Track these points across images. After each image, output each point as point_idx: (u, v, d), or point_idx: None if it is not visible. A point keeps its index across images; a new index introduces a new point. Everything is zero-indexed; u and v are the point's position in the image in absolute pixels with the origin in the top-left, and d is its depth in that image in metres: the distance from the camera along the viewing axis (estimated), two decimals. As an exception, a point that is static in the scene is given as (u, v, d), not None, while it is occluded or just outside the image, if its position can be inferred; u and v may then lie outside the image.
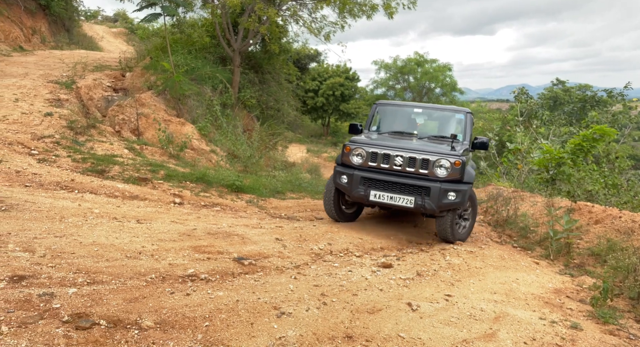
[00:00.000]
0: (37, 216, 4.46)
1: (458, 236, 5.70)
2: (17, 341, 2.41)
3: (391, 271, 4.32)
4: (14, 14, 15.31)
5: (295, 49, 15.61)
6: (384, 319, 3.20)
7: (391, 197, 5.33)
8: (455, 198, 5.23)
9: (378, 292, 3.72)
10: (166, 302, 3.12)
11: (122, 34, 27.14)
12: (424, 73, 33.99)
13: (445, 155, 5.28)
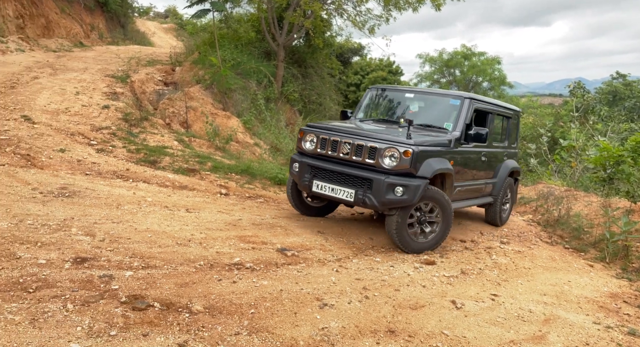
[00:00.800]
0: (96, 202, 4.76)
1: (415, 245, 4.65)
2: (81, 318, 2.60)
3: (434, 268, 4.27)
4: (75, 11, 16.26)
5: (339, 43, 15.56)
6: (427, 315, 3.17)
7: (332, 189, 4.70)
8: (402, 195, 4.36)
9: (421, 288, 3.69)
10: (214, 288, 3.25)
11: (172, 29, 28.16)
12: (471, 66, 32.88)
13: (395, 143, 4.45)
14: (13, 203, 4.19)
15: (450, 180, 4.97)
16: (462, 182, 5.38)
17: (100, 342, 2.41)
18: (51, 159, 6.02)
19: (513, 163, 6.56)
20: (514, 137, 6.78)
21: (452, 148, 5.01)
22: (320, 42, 12.13)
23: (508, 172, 6.35)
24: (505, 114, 6.42)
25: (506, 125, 6.54)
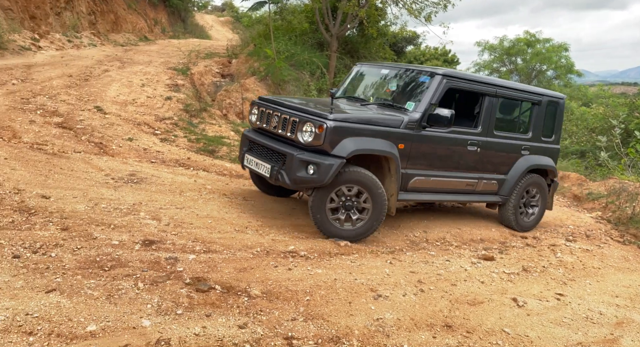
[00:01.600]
0: (161, 188, 5.04)
1: (336, 231, 4.24)
2: (151, 296, 2.78)
3: (493, 264, 4.13)
4: (140, 7, 17.13)
5: (393, 32, 15.23)
6: (486, 312, 3.08)
7: (257, 164, 4.51)
8: (313, 173, 3.99)
9: (479, 284, 3.59)
10: (271, 274, 3.35)
11: (228, 22, 28.94)
12: (534, 54, 30.96)
13: (312, 117, 4.13)
14: (89, 188, 4.54)
15: (394, 165, 4.39)
16: (428, 171, 4.74)
17: (168, 319, 2.57)
18: (121, 147, 6.43)
19: (538, 159, 5.47)
20: (546, 129, 5.60)
21: (403, 130, 4.41)
22: (373, 32, 11.96)
23: (525, 169, 5.33)
24: (528, 99, 5.39)
25: (531, 114, 5.51)
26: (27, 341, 2.16)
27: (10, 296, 2.48)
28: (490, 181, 5.23)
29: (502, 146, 5.22)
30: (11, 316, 2.31)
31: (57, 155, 5.37)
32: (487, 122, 5.04)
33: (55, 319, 2.36)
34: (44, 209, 3.80)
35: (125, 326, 2.42)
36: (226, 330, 2.55)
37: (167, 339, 2.37)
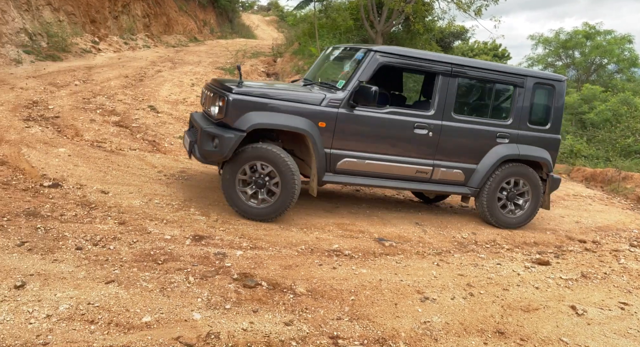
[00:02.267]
0: (209, 185, 5.19)
1: (245, 208, 4.17)
2: (201, 290, 2.87)
3: (548, 269, 3.92)
4: (191, 8, 17.75)
5: (440, 27, 14.83)
6: (542, 319, 2.93)
7: (185, 141, 4.57)
8: (216, 147, 3.94)
9: (533, 290, 3.42)
10: (315, 272, 3.36)
11: (273, 21, 29.36)
12: (594, 47, 29.04)
13: (221, 91, 4.11)
14: (143, 184, 4.75)
15: (311, 144, 4.20)
16: (361, 153, 4.44)
17: (217, 313, 2.64)
18: (172, 145, 6.69)
19: (519, 149, 4.84)
20: (537, 115, 4.98)
21: (323, 108, 4.23)
22: (420, 27, 11.70)
23: (499, 159, 4.76)
24: (502, 80, 4.80)
25: (512, 97, 4.91)
26: (89, 329, 2.29)
27: (73, 286, 2.65)
28: (453, 169, 4.75)
29: (465, 132, 4.70)
30: (75, 304, 2.46)
31: (114, 152, 5.67)
32: (443, 104, 4.61)
33: (114, 309, 2.49)
34: (103, 204, 4.02)
35: (177, 318, 2.51)
36: (273, 326, 2.59)
37: (217, 333, 2.43)
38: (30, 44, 10.11)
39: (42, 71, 9.11)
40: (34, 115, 6.41)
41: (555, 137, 5.06)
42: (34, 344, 2.10)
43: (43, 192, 4.07)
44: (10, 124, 5.83)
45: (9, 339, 2.11)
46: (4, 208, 3.59)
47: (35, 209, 3.67)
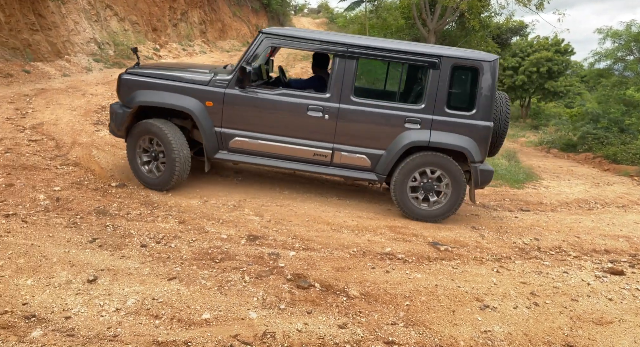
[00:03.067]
0: (261, 187, 5.29)
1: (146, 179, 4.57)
2: (256, 289, 2.93)
3: (623, 279, 3.62)
4: (244, 13, 18.27)
5: (497, 23, 14.22)
6: (617, 334, 2.71)
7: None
8: (113, 121, 4.61)
9: (606, 301, 3.17)
10: (368, 275, 3.32)
11: (323, 24, 29.56)
12: (669, 39, 26.57)
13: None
14: (201, 185, 4.93)
15: (197, 122, 4.44)
16: (252, 133, 4.55)
17: (272, 313, 2.67)
18: (226, 146, 6.91)
19: (430, 136, 4.43)
20: (458, 100, 4.52)
21: (210, 88, 4.47)
22: (476, 24, 11.29)
23: (404, 145, 4.45)
24: (411, 61, 4.44)
25: (425, 80, 4.52)
26: (154, 324, 2.40)
27: (139, 281, 2.79)
28: (356, 154, 4.56)
29: (367, 116, 4.48)
30: (141, 299, 2.60)
31: (173, 154, 5.94)
32: (340, 86, 4.45)
33: (176, 305, 2.60)
34: (165, 203, 4.22)
35: (234, 317, 2.58)
36: (327, 329, 2.58)
37: (273, 333, 2.46)
38: (99, 52, 10.86)
39: (110, 78, 9.74)
40: (103, 119, 6.86)
41: (483, 124, 4.43)
42: (105, 335, 2.24)
43: (111, 192, 4.34)
44: (83, 128, 6.28)
45: (83, 330, 2.25)
46: (78, 206, 3.86)
47: (105, 207, 3.92)
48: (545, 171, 10.01)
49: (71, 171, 4.74)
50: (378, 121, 4.51)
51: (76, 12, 10.63)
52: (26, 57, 9.29)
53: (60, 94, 7.79)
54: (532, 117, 31.68)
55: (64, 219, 3.58)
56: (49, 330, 2.23)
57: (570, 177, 9.28)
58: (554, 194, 7.16)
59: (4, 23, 9.19)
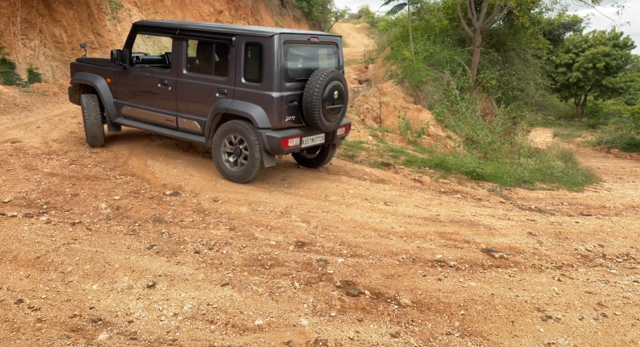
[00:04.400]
0: (308, 193, 5.33)
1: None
2: (306, 296, 2.93)
3: (702, 291, 3.30)
4: (286, 22, 18.63)
5: (548, 19, 13.59)
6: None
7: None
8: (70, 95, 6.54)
9: (684, 316, 2.90)
10: (419, 283, 3.24)
11: (364, 28, 29.55)
12: None
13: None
14: (249, 191, 5.04)
15: (100, 95, 5.94)
16: (131, 103, 5.85)
17: (323, 320, 2.66)
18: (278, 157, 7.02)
19: (228, 104, 5.05)
20: (252, 72, 4.99)
21: (109, 68, 5.92)
22: (525, 21, 10.84)
23: (212, 113, 5.18)
24: (214, 40, 5.27)
25: (229, 55, 5.09)
26: (209, 329, 2.46)
27: (194, 287, 2.88)
28: (191, 120, 5.43)
29: (192, 87, 5.35)
30: (196, 304, 2.67)
31: (222, 162, 6.11)
32: (176, 62, 5.44)
33: (230, 311, 2.65)
34: (215, 211, 4.34)
35: (286, 323, 2.59)
36: (379, 337, 2.54)
37: (325, 340, 2.45)
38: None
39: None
40: (155, 130, 7.20)
41: (268, 93, 4.91)
42: (164, 340, 2.32)
43: (165, 200, 4.53)
44: (137, 139, 6.62)
45: (144, 334, 2.35)
46: (136, 214, 4.06)
47: (160, 215, 4.09)
48: (606, 173, 9.40)
49: (129, 181, 4.99)
50: (199, 92, 5.34)
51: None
52: (86, 75, 9.94)
53: (117, 108, 8.26)
54: (588, 116, 29.90)
55: (124, 227, 3.77)
56: (114, 333, 2.34)
57: (635, 179, 8.64)
58: (617, 197, 6.69)
59: (66, 43, 9.91)
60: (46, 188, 4.52)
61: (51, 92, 8.99)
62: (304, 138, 5.27)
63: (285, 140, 4.97)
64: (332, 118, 5.35)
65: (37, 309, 2.51)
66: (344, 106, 5.48)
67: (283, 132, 5.00)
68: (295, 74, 5.13)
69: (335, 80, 5.20)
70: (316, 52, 5.55)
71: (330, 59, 5.69)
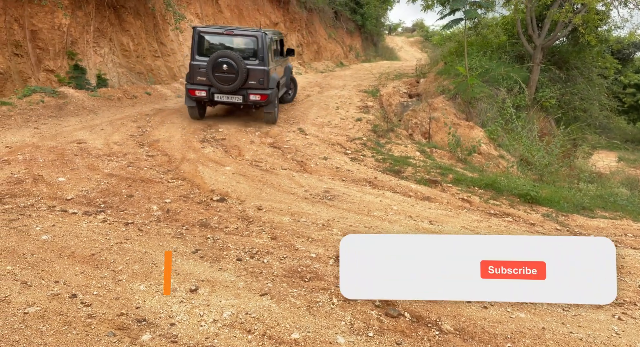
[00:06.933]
0: (350, 206, 5.29)
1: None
2: (344, 313, 2.89)
3: None
4: (339, 35, 18.85)
5: (617, 37, 12.80)
6: None
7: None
8: None
9: None
10: (464, 310, 3.09)
11: (417, 42, 29.29)
12: None
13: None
14: (292, 202, 5.08)
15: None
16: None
17: (360, 340, 2.61)
18: (317, 165, 7.06)
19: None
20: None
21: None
22: (592, 39, 10.27)
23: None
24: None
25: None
26: (246, 338, 2.48)
27: (234, 295, 2.92)
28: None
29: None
30: (235, 312, 2.71)
31: (269, 171, 6.22)
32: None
33: (267, 321, 2.66)
34: (259, 219, 4.41)
35: (322, 339, 2.56)
36: (417, 364, 2.44)
37: (360, 362, 2.40)
38: (207, 76, 11.90)
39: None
40: (208, 137, 7.46)
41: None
42: (203, 345, 2.36)
43: (212, 206, 4.66)
44: (190, 145, 6.89)
45: (185, 338, 2.41)
46: (184, 218, 4.20)
47: (206, 220, 4.21)
48: (677, 204, 8.60)
49: (180, 185, 5.19)
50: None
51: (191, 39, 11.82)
52: (148, 81, 10.53)
53: (173, 114, 8.67)
54: (658, 140, 27.64)
55: (172, 230, 3.91)
56: (157, 335, 2.42)
57: None
58: (690, 231, 6.10)
59: (132, 51, 10.56)
60: (105, 188, 4.79)
61: (116, 97, 9.60)
62: (217, 95, 7.83)
63: (192, 91, 7.82)
64: (224, 83, 7.62)
65: (89, 305, 2.64)
66: (238, 77, 7.59)
67: (193, 86, 7.83)
68: (207, 52, 7.85)
69: (225, 57, 7.54)
70: (231, 40, 8.05)
71: (248, 46, 8.02)
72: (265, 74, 7.88)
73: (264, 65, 7.86)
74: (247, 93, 7.83)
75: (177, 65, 11.51)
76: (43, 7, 8.57)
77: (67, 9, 8.95)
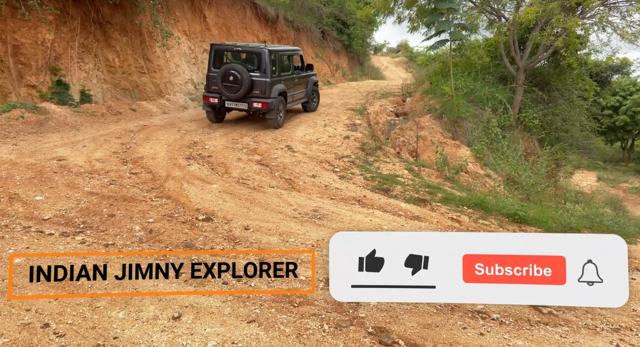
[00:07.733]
0: (340, 226, 5.18)
1: None
2: (336, 341, 2.75)
3: None
4: (326, 54, 19.02)
5: (595, 60, 13.22)
6: None
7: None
8: None
9: None
10: (460, 337, 2.99)
11: (402, 62, 29.82)
12: None
13: None
14: (280, 221, 4.95)
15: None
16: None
17: (354, 371, 2.46)
18: (305, 183, 6.95)
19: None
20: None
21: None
22: (572, 62, 10.55)
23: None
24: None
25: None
26: (233, 371, 2.31)
27: (220, 322, 2.76)
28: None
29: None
30: (221, 342, 2.55)
31: (256, 189, 6.09)
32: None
33: (256, 352, 2.50)
34: (246, 239, 4.26)
35: (314, 371, 2.41)
36: (415, 397, 2.31)
37: (355, 396, 2.25)
38: (194, 91, 11.82)
39: (202, 115, 10.48)
40: (194, 154, 7.31)
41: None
42: (186, 380, 2.19)
43: (197, 225, 4.49)
44: (176, 162, 6.72)
45: (166, 372, 2.23)
46: (168, 239, 4.03)
47: (191, 241, 4.04)
48: (660, 224, 8.72)
49: (164, 203, 5.01)
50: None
51: (178, 56, 11.76)
52: (133, 97, 10.37)
53: (159, 130, 8.50)
54: (635, 161, 28.47)
55: (155, 251, 3.73)
56: (135, 368, 2.24)
57: (694, 233, 7.96)
58: (676, 252, 6.14)
59: (118, 67, 10.42)
60: (85, 207, 4.59)
61: (99, 113, 9.40)
62: (227, 101, 8.85)
63: (207, 98, 9.01)
64: (231, 92, 8.63)
65: (62, 336, 2.45)
66: (242, 87, 8.56)
67: (209, 94, 8.99)
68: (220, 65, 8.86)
69: (231, 69, 8.54)
70: (239, 55, 9.23)
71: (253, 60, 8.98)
72: (267, 85, 8.80)
73: (266, 77, 8.81)
74: (251, 101, 8.78)
75: (163, 82, 11.39)
76: (26, 22, 8.40)
77: (51, 24, 8.80)
